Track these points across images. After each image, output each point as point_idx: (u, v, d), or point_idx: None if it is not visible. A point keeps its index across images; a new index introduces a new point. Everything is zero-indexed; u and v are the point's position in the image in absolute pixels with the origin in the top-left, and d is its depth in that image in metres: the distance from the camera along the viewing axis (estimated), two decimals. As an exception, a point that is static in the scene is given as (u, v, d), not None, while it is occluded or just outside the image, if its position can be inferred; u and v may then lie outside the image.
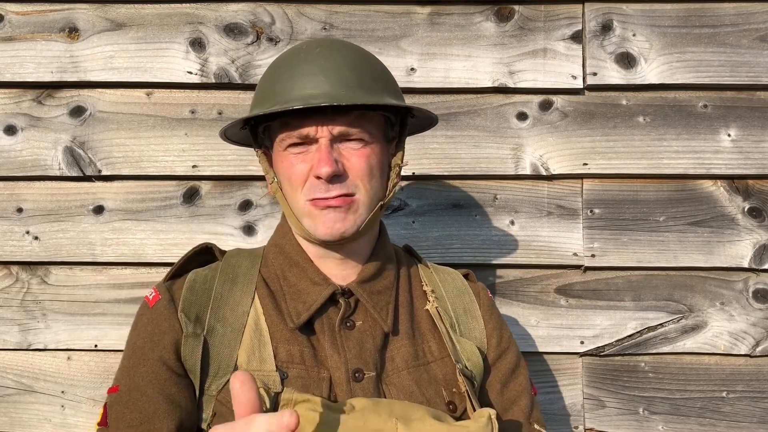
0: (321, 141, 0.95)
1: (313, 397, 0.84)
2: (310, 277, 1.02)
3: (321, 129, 0.94)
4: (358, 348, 0.98)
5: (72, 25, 1.50)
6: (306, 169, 0.96)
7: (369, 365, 0.97)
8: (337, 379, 0.95)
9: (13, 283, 1.50)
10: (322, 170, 0.93)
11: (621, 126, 1.52)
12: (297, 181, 0.97)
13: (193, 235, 1.50)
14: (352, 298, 1.02)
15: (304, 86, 0.95)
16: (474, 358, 1.04)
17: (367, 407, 0.84)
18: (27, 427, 1.49)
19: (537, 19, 1.52)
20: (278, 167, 1.01)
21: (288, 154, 0.98)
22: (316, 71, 0.95)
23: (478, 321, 1.10)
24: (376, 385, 0.96)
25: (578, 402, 1.51)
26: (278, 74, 0.99)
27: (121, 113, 1.51)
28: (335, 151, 0.96)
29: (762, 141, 1.51)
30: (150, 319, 1.00)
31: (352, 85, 0.95)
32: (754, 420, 1.50)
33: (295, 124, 0.95)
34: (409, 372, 0.99)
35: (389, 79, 1.03)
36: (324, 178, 0.94)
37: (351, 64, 0.97)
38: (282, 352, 0.96)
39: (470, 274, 1.19)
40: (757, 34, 1.51)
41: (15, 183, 1.51)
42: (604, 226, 1.51)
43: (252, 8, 1.51)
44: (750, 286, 1.51)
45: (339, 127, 0.95)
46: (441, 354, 1.03)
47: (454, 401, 0.99)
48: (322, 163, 0.93)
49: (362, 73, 0.97)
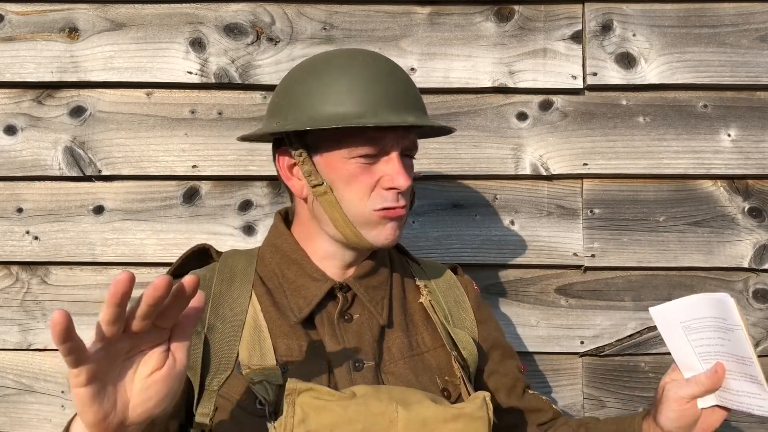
0: (393, 155, 1.00)
1: (316, 386, 0.88)
2: (309, 274, 1.05)
3: (396, 144, 1.01)
4: (357, 339, 1.02)
5: (72, 25, 1.50)
6: (373, 179, 1.00)
7: (368, 355, 1.02)
8: (338, 369, 0.99)
9: (13, 283, 1.50)
10: (401, 183, 0.99)
11: (621, 126, 1.52)
12: (364, 190, 1.00)
13: (193, 235, 1.50)
14: (349, 293, 1.07)
15: (391, 102, 1.00)
16: (469, 347, 1.09)
17: (368, 393, 0.89)
18: (27, 427, 1.49)
19: (537, 19, 1.52)
20: (333, 173, 1.01)
21: (354, 163, 1.00)
22: (398, 88, 1.02)
23: (469, 312, 1.16)
24: (376, 374, 1.01)
25: (578, 402, 1.51)
26: (345, 81, 0.99)
27: (121, 113, 1.51)
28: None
29: (762, 141, 1.51)
30: None
31: (420, 103, 1.06)
32: (754, 420, 1.50)
33: (374, 137, 0.99)
34: (405, 362, 1.04)
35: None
36: (402, 190, 1.00)
37: (410, 82, 1.07)
38: (281, 347, 0.99)
39: (458, 268, 1.24)
40: (757, 34, 1.51)
41: (15, 183, 1.51)
42: (604, 226, 1.52)
43: (252, 8, 1.51)
44: (750, 286, 1.51)
45: (407, 143, 1.03)
46: (434, 344, 1.08)
47: (447, 388, 1.04)
48: (401, 177, 0.99)
49: (417, 91, 1.08)
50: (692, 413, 0.96)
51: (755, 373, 0.92)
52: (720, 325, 0.93)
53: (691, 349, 0.97)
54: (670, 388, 0.97)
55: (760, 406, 0.94)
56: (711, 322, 0.93)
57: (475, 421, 0.90)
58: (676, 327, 0.97)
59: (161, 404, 0.71)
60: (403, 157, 1.02)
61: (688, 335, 0.96)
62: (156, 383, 0.70)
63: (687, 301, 0.94)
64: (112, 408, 0.69)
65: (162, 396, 0.71)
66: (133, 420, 0.71)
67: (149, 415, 0.71)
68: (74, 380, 0.66)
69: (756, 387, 0.93)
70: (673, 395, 0.97)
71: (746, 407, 0.95)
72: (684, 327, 0.96)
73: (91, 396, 0.67)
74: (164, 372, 0.71)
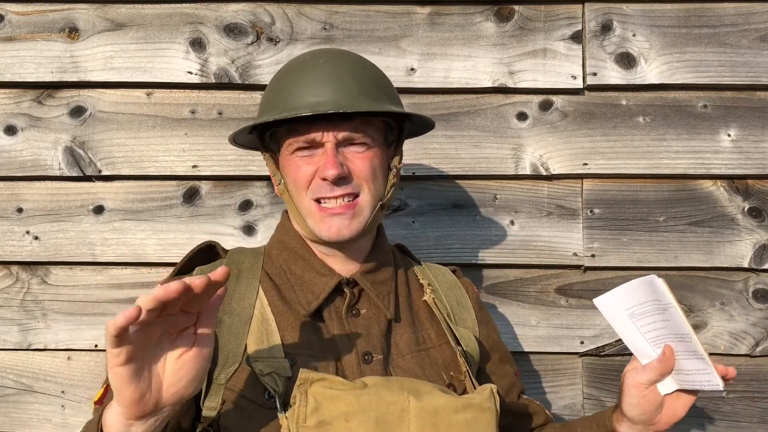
0: (327, 145, 1.02)
1: (329, 376, 0.91)
2: (316, 269, 1.08)
3: (327, 134, 1.01)
4: (365, 333, 1.04)
5: (72, 25, 1.50)
6: (311, 171, 1.03)
7: (377, 349, 1.03)
8: (347, 362, 1.00)
9: (13, 283, 1.50)
10: (328, 172, 1.00)
11: (621, 126, 1.52)
12: (302, 182, 1.04)
13: (193, 235, 1.50)
14: (356, 288, 1.08)
15: (310, 94, 1.02)
16: (471, 345, 1.11)
17: (380, 383, 0.91)
18: (27, 427, 1.49)
19: (537, 19, 1.52)
20: (285, 170, 1.07)
21: (295, 158, 1.04)
22: (321, 80, 1.02)
23: (470, 312, 1.18)
24: (384, 368, 1.02)
25: (578, 402, 1.51)
26: (285, 82, 1.06)
27: (121, 113, 1.51)
28: (340, 154, 1.02)
29: (762, 141, 1.51)
30: None
31: (355, 92, 1.02)
32: (754, 420, 1.50)
33: (302, 130, 1.02)
34: (413, 356, 1.06)
35: (389, 87, 1.11)
36: (330, 180, 1.01)
37: (353, 72, 1.04)
38: (289, 340, 1.01)
39: (457, 270, 1.26)
40: (757, 34, 1.51)
41: (15, 183, 1.51)
42: (604, 226, 1.52)
43: (252, 8, 1.51)
44: (750, 286, 1.51)
45: (343, 132, 1.02)
46: (439, 341, 1.10)
47: (453, 384, 1.05)
48: (329, 165, 1.00)
49: (364, 81, 1.05)
50: (653, 399, 0.98)
51: (697, 349, 0.92)
52: (658, 307, 0.93)
53: (640, 335, 0.98)
54: (629, 376, 1.00)
55: (708, 380, 0.94)
56: (651, 306, 0.94)
57: (483, 411, 0.93)
58: (622, 316, 0.97)
59: (191, 384, 0.78)
60: (350, 145, 1.03)
61: (635, 322, 0.97)
62: (186, 363, 0.77)
63: (624, 288, 0.95)
64: (148, 388, 0.75)
65: (192, 376, 0.78)
66: (167, 401, 0.77)
67: (181, 396, 0.78)
68: (114, 360, 0.72)
69: (701, 363, 0.93)
70: (631, 382, 0.99)
71: (699, 385, 0.95)
72: (629, 314, 0.97)
73: (129, 375, 0.73)
74: (193, 353, 0.77)
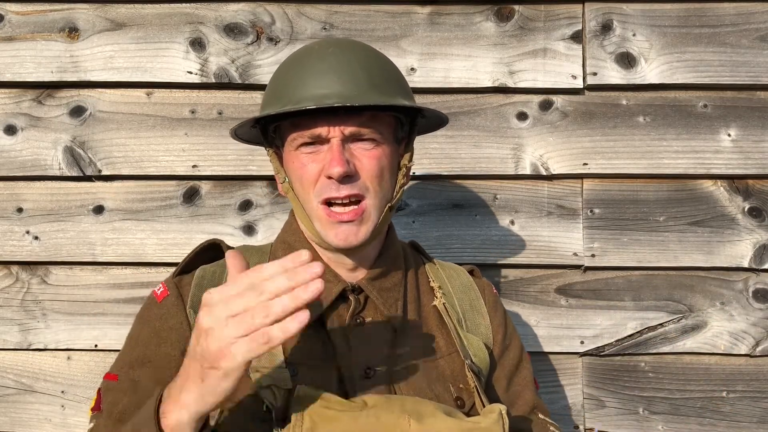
0: (333, 141, 0.94)
1: (327, 395, 0.85)
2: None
3: (333, 129, 0.94)
4: (368, 344, 0.98)
5: (72, 25, 1.50)
6: (317, 169, 0.96)
7: (380, 360, 0.98)
8: (347, 376, 0.96)
9: (13, 283, 1.50)
10: (334, 170, 0.93)
11: (621, 126, 1.52)
12: (308, 181, 0.96)
13: (193, 235, 1.50)
14: (361, 295, 1.02)
15: (316, 86, 0.94)
16: (480, 354, 1.04)
17: (379, 404, 0.85)
18: (27, 427, 1.49)
19: (537, 19, 1.52)
20: (289, 167, 1.00)
21: (299, 154, 0.97)
22: (328, 71, 0.95)
23: (484, 317, 1.11)
24: (386, 382, 0.97)
25: (578, 402, 1.51)
26: (290, 73, 0.98)
27: (121, 113, 1.51)
28: (347, 151, 0.95)
29: (762, 141, 1.51)
30: (157, 314, 1.00)
31: (364, 85, 0.95)
32: (754, 420, 1.50)
33: (306, 124, 0.95)
34: (418, 368, 1.00)
35: (400, 79, 1.03)
36: (335, 179, 0.94)
37: (363, 63, 0.97)
38: (291, 349, 0.96)
39: (475, 270, 1.20)
40: (757, 34, 1.51)
41: (15, 183, 1.51)
42: (604, 226, 1.52)
43: (252, 8, 1.51)
44: (750, 286, 1.51)
45: (351, 127, 0.94)
46: (448, 350, 1.04)
47: (462, 397, 0.99)
48: (334, 162, 0.93)
49: (374, 73, 0.97)
50: None
51: None
52: None
53: None
54: None
55: None
56: None
57: None
58: None
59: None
60: (357, 141, 0.96)
61: None
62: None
63: None
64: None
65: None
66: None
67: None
68: (259, 353, 0.74)
69: None
70: None
71: None
72: None
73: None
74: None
